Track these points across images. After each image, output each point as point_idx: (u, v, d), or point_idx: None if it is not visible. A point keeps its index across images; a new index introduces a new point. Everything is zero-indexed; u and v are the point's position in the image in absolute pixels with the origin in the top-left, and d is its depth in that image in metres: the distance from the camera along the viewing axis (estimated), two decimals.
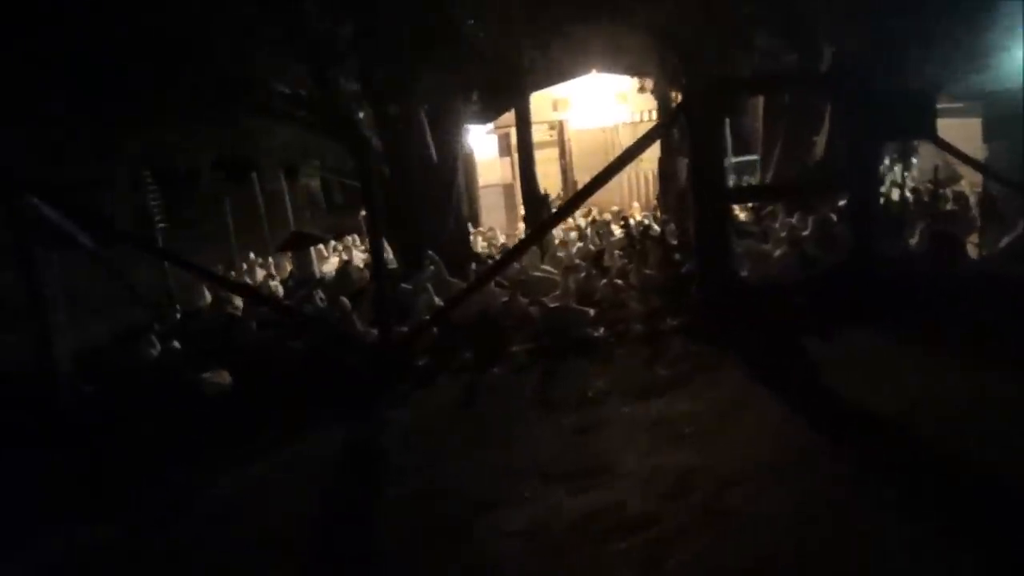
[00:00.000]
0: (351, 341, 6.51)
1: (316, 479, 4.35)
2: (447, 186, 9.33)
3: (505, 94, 11.59)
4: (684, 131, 6.60)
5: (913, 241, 7.68)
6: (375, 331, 6.37)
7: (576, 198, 6.37)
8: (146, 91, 8.11)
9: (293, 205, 14.63)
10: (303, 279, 10.16)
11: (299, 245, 10.22)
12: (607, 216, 12.92)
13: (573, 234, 11.14)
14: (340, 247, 12.37)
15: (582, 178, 14.55)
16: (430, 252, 8.46)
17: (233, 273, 10.84)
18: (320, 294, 7.87)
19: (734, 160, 14.69)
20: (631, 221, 11.86)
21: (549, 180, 14.23)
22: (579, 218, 13.33)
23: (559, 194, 15.44)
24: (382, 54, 8.46)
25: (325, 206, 16.83)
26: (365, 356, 6.21)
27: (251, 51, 8.33)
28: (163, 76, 7.94)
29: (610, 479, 3.81)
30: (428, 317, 6.71)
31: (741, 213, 10.72)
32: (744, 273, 7.03)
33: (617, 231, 10.21)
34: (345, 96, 8.88)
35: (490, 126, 14.09)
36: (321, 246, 12.59)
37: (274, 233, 13.04)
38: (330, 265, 11.25)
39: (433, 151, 9.39)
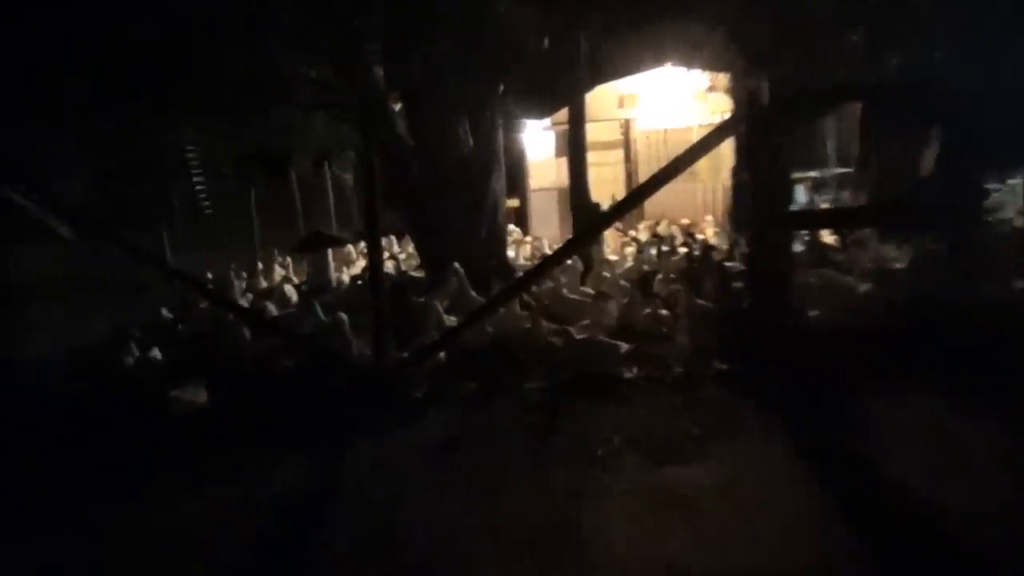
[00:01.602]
0: (343, 363, 6.26)
1: (254, 524, 4.08)
2: (481, 187, 9.06)
3: (563, 86, 11.25)
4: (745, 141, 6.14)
5: None
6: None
7: (622, 206, 5.95)
8: (161, 81, 8.14)
9: (339, 202, 14.68)
10: (317, 285, 10.02)
11: (314, 246, 10.05)
12: (674, 230, 12.44)
13: (630, 250, 10.70)
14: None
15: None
16: (455, 264, 8.20)
17: (245, 274, 10.75)
18: (318, 306, 7.62)
19: (815, 174, 14.01)
20: (698, 238, 11.37)
21: (611, 185, 13.81)
22: (642, 231, 12.90)
23: (612, 202, 14.97)
24: (412, 37, 8.27)
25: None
26: (354, 382, 5.95)
27: (272, 37, 8.26)
28: (178, 64, 7.96)
29: (582, 565, 3.39)
30: (434, 339, 6.39)
31: (828, 237, 10.12)
32: (814, 312, 6.51)
33: (682, 249, 9.74)
34: (371, 83, 8.69)
35: (546, 122, 13.77)
36: (350, 248, 12.57)
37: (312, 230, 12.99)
38: (357, 270, 11.10)
39: (469, 148, 9.09)
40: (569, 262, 8.88)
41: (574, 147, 10.36)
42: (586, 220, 10.14)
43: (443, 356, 6.44)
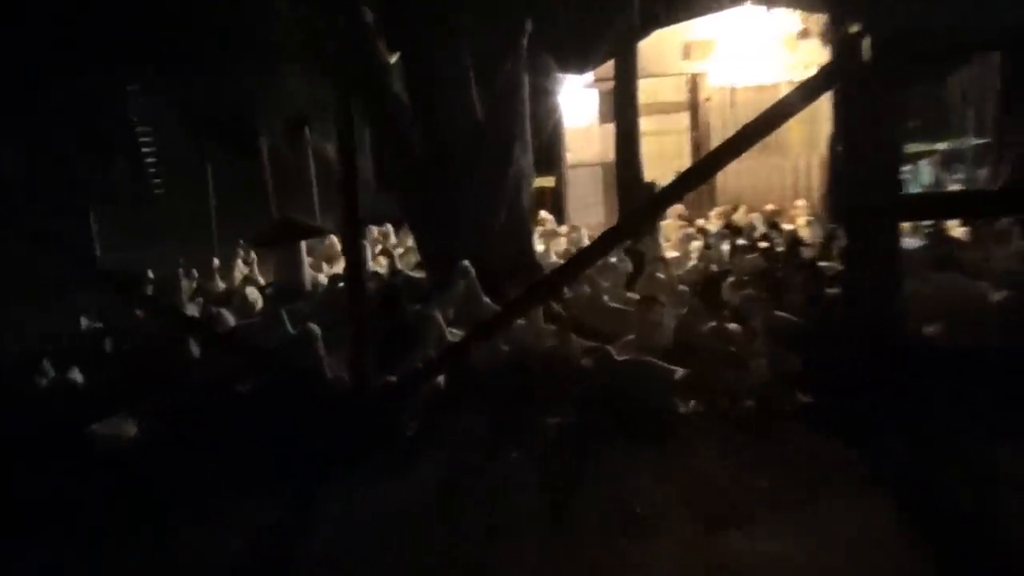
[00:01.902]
0: (313, 389, 6.24)
1: None
2: (499, 163, 9.03)
3: (610, 31, 11.20)
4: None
5: None
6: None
7: (681, 184, 5.84)
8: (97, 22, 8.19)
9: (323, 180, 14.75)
10: (286, 288, 10.04)
11: (284, 238, 10.05)
12: (754, 219, 12.34)
13: (696, 244, 10.62)
14: (366, 241, 12.25)
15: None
16: (463, 262, 8.24)
17: (196, 273, 10.81)
18: (286, 314, 7.62)
19: (944, 146, 13.80)
20: (784, 230, 11.26)
21: (673, 161, 13.73)
22: (712, 221, 12.82)
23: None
24: None
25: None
26: (324, 414, 5.92)
27: None
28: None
29: None
30: (429, 359, 6.39)
31: (957, 230, 9.98)
32: (931, 328, 6.46)
33: (762, 244, 9.67)
34: (357, 22, 8.70)
35: (588, 77, 13.70)
36: (334, 240, 12.60)
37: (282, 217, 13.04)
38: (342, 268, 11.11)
39: (483, 111, 9.06)
40: (613, 260, 8.89)
41: (623, 110, 10.31)
42: (636, 204, 10.09)
43: (443, 381, 6.43)
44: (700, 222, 12.63)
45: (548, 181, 14.46)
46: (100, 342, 8.12)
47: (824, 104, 10.34)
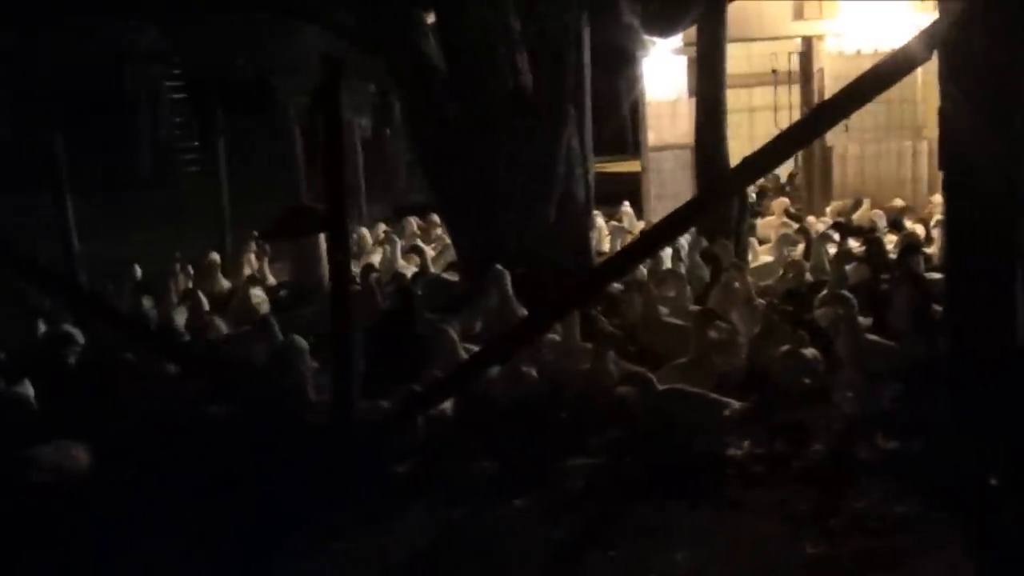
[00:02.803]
0: (291, 414, 6.23)
1: None
2: (547, 143, 8.94)
3: None
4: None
5: None
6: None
7: (757, 160, 5.68)
8: None
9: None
10: (299, 289, 10.06)
11: (295, 230, 10.03)
12: (874, 217, 12.05)
13: (800, 247, 10.35)
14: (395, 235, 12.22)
15: (839, 143, 13.74)
16: (496, 266, 8.25)
17: (192, 269, 10.92)
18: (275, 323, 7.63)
19: None
20: (911, 229, 10.97)
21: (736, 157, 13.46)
22: (827, 219, 12.53)
23: (793, 172, 14.57)
24: None
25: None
26: (302, 445, 5.90)
27: None
28: None
29: None
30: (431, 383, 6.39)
31: None
32: None
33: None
34: None
35: (677, 41, 13.46)
36: (364, 231, 12.64)
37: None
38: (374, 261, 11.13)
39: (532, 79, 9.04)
40: (681, 266, 8.77)
41: (707, 80, 10.13)
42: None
43: (449, 410, 6.37)
44: (810, 220, 12.33)
45: (632, 166, 14.32)
46: (62, 351, 8.18)
47: None
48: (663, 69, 13.95)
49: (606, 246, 11.85)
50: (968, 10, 5.31)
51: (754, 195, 14.34)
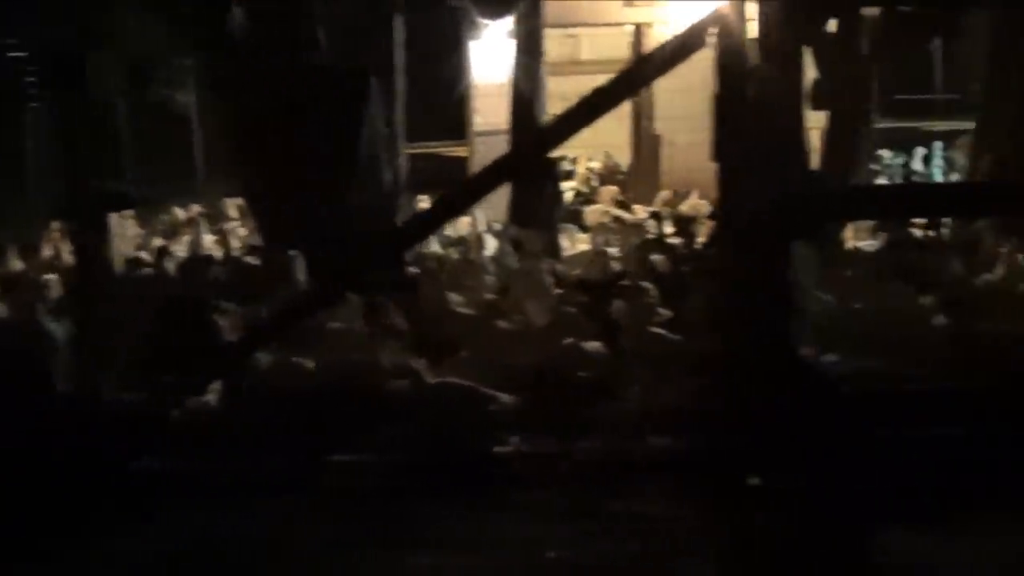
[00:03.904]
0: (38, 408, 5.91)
1: None
2: (347, 123, 8.79)
3: None
4: None
5: None
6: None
7: (532, 145, 5.70)
8: None
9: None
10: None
11: (86, 211, 9.66)
12: (701, 208, 12.10)
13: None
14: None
15: (670, 131, 13.77)
16: (291, 252, 8.21)
17: None
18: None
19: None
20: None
21: (606, 133, 13.40)
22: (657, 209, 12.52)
23: (605, 162, 14.55)
24: None
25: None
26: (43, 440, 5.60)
27: None
28: None
29: None
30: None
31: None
32: (832, 358, 6.34)
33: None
34: None
35: (511, 23, 13.34)
36: (177, 211, 12.27)
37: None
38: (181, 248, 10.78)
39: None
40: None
41: (522, 65, 10.01)
42: (533, 181, 9.82)
43: (213, 402, 6.15)
44: (636, 209, 12.34)
45: (457, 150, 14.15)
46: None
47: None
48: (493, 52, 13.78)
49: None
50: None
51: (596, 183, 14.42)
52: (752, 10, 5.55)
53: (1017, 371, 6.00)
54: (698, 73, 14.35)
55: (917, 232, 9.82)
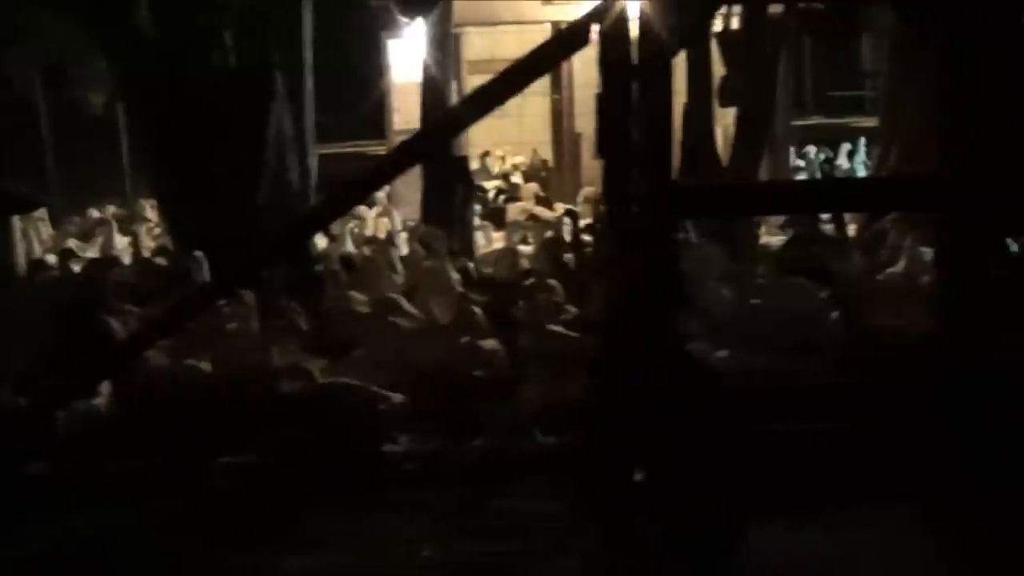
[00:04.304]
0: None
1: None
2: (254, 125, 8.74)
3: None
4: None
5: None
6: None
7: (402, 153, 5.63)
8: None
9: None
10: None
11: None
12: None
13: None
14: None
15: (591, 129, 13.73)
16: (195, 253, 8.17)
17: None
18: None
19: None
20: None
21: (530, 133, 13.47)
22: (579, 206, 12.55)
23: (532, 159, 14.58)
24: None
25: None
26: None
27: None
28: None
29: None
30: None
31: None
32: (723, 352, 6.38)
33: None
34: None
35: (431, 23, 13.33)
36: (93, 212, 12.16)
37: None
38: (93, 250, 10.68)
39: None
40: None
41: (434, 63, 9.99)
42: (446, 180, 9.80)
43: (104, 404, 6.09)
44: (557, 208, 12.36)
45: (383, 149, 14.11)
46: None
47: None
48: (412, 50, 13.74)
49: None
50: None
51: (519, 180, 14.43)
52: (634, 8, 5.51)
53: (905, 365, 6.08)
54: None
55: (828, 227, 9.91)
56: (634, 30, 5.52)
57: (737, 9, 10.08)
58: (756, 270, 8.13)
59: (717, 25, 10.78)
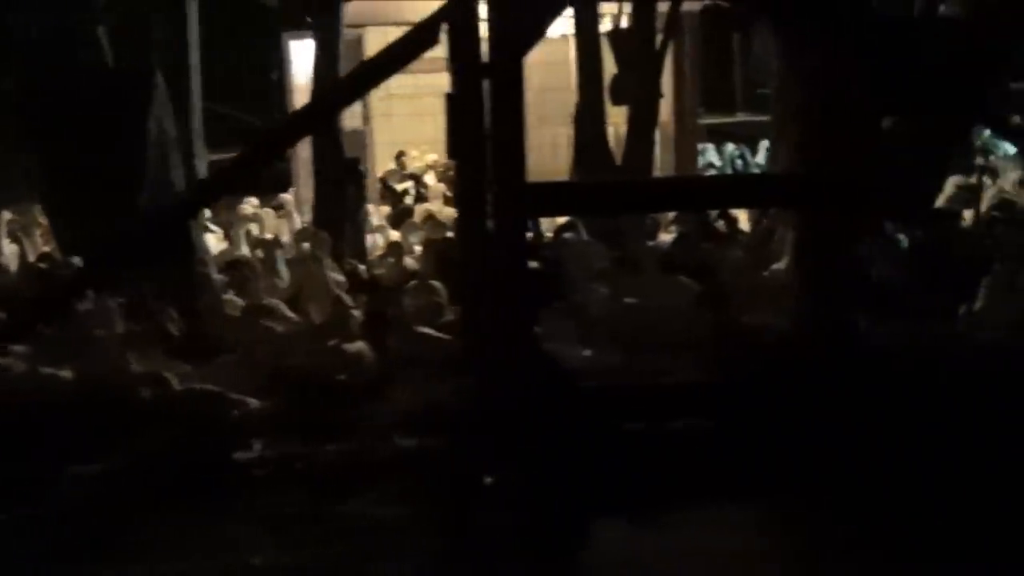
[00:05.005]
0: None
1: None
2: (132, 126, 8.59)
3: None
4: None
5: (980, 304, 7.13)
6: None
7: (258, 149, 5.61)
8: None
9: None
10: None
11: None
12: None
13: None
14: None
15: None
16: (73, 258, 8.18)
17: None
18: None
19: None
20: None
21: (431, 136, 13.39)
22: None
23: (427, 163, 14.52)
24: None
25: None
26: None
27: None
28: None
29: None
30: None
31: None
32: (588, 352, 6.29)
33: None
34: None
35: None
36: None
37: None
38: None
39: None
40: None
41: (324, 63, 9.87)
42: (335, 186, 9.71)
43: None
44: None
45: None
46: None
47: None
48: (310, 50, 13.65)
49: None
50: None
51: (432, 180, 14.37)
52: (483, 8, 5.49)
53: (765, 362, 6.11)
54: (531, 74, 14.52)
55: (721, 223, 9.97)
56: (484, 29, 5.54)
57: (628, 8, 10.17)
58: (641, 268, 8.13)
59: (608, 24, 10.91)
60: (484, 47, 5.44)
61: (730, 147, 16.23)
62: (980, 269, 7.47)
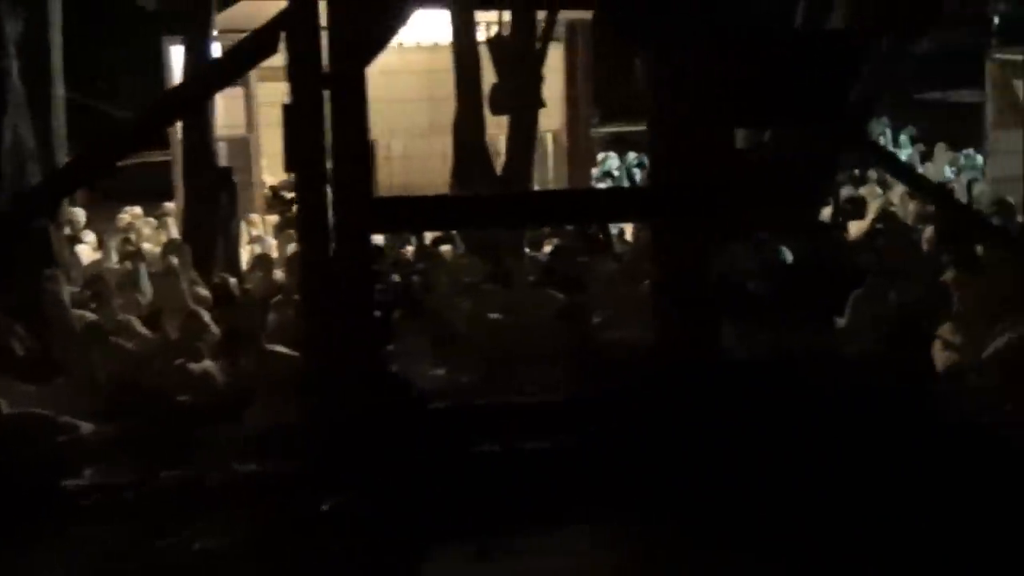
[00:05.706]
0: None
1: None
2: None
3: None
4: None
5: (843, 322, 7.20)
6: None
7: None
8: None
9: None
10: None
11: None
12: None
13: None
14: None
15: (385, 142, 13.70)
16: None
17: None
18: None
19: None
20: None
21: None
22: None
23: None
24: None
25: None
26: None
27: None
28: None
29: None
30: None
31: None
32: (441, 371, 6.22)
33: None
34: None
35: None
36: None
37: None
38: None
39: None
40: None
41: (190, 73, 9.59)
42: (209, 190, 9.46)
43: None
44: None
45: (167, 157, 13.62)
46: None
47: None
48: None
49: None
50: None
51: None
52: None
53: (621, 376, 6.01)
54: (415, 85, 14.37)
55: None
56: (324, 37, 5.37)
57: (507, 16, 10.02)
58: (512, 281, 8.02)
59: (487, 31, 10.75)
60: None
61: (631, 156, 16.24)
62: (854, 282, 7.50)
